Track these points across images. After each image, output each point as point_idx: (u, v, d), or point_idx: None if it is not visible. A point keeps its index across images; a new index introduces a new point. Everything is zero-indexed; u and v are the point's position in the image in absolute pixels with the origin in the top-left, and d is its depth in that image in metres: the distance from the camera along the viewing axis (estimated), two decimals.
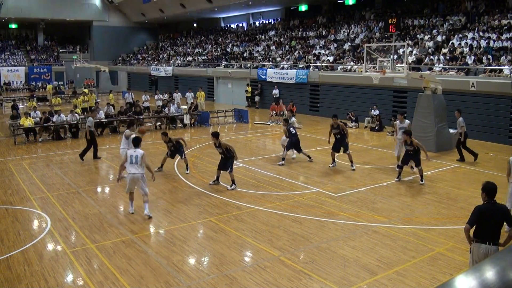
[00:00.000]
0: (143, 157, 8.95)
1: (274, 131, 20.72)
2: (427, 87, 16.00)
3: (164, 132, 12.27)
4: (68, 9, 47.22)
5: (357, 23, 29.48)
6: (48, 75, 48.83)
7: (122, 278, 6.67)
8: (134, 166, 8.91)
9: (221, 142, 11.15)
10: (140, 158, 8.90)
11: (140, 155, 8.93)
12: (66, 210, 9.76)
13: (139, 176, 8.93)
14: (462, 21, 23.16)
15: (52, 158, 15.25)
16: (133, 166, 8.92)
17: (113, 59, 51.90)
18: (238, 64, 33.06)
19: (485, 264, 2.49)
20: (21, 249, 7.74)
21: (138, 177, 8.93)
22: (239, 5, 36.64)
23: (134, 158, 8.91)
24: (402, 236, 8.20)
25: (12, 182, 12.14)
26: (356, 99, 22.82)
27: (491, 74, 18.13)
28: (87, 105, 24.95)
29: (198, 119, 22.37)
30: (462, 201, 10.33)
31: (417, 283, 6.48)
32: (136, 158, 8.90)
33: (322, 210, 9.67)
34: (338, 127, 13.05)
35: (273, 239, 8.06)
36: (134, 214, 9.53)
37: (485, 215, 5.62)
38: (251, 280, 6.58)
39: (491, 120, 17.46)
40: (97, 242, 8.01)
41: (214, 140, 11.18)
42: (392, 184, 11.69)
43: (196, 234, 8.49)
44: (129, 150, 9.26)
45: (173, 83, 38.00)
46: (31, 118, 18.73)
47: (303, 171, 13.14)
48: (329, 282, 6.52)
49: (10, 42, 52.27)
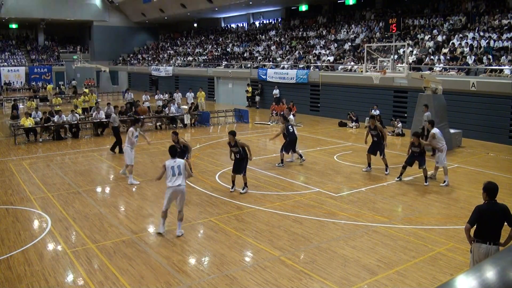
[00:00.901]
0: (186, 166, 8.28)
1: (274, 131, 20.70)
2: (427, 87, 16.00)
3: (174, 131, 11.95)
4: (69, 9, 47.24)
5: (358, 23, 29.47)
6: (48, 75, 48.85)
7: (122, 278, 6.67)
8: (179, 178, 8.10)
9: (237, 141, 10.72)
10: (183, 168, 8.17)
11: (183, 165, 8.19)
12: (66, 210, 9.77)
13: (183, 188, 8.19)
14: (462, 21, 23.15)
15: (52, 158, 15.26)
16: (177, 178, 8.09)
17: (114, 59, 51.93)
18: (239, 64, 33.07)
19: (486, 264, 2.49)
20: (22, 249, 7.75)
21: (182, 189, 8.17)
22: (239, 5, 36.64)
23: (176, 169, 8.09)
24: (402, 236, 8.20)
25: (12, 182, 12.15)
26: (357, 99, 22.82)
27: (492, 74, 18.12)
28: (87, 105, 24.97)
29: (198, 119, 22.38)
30: (462, 201, 10.32)
31: (417, 283, 6.48)
32: (179, 168, 8.12)
33: (323, 210, 9.66)
34: (376, 129, 12.45)
35: (273, 239, 8.06)
36: (133, 213, 9.53)
37: (486, 215, 5.61)
38: (251, 280, 6.58)
39: (492, 120, 17.45)
40: (98, 242, 8.01)
41: (231, 138, 10.67)
42: (392, 184, 11.68)
43: (196, 234, 8.49)
44: (167, 162, 8.21)
45: (174, 83, 38.02)
46: (31, 118, 18.74)
47: (304, 171, 13.13)
48: (329, 282, 6.52)
49: (10, 42, 52.30)
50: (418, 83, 17.21)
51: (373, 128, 12.50)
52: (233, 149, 10.86)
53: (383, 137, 12.47)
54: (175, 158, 8.27)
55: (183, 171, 8.15)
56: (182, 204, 8.28)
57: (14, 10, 44.59)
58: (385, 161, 12.51)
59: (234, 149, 10.82)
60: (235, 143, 10.72)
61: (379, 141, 12.47)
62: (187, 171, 8.32)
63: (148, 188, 11.52)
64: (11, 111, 22.96)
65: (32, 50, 52.17)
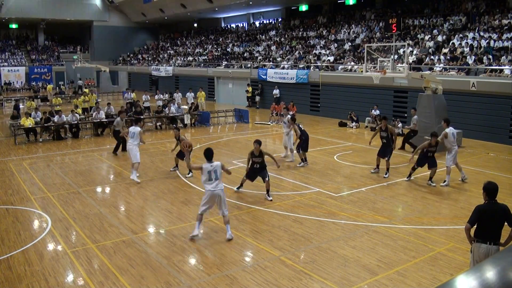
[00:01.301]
0: (223, 168, 8.09)
1: (274, 131, 20.72)
2: (427, 87, 16.00)
3: (176, 127, 11.91)
4: (69, 9, 47.25)
5: (358, 23, 29.47)
6: (48, 75, 48.86)
7: (122, 278, 6.67)
8: (216, 182, 7.88)
9: (262, 151, 10.06)
10: (220, 171, 7.95)
11: (220, 168, 7.97)
12: (66, 210, 9.77)
13: (221, 192, 7.94)
14: (462, 21, 23.15)
15: (52, 158, 15.26)
16: (214, 182, 7.87)
17: (114, 59, 51.94)
18: (239, 64, 33.07)
19: (486, 264, 2.49)
20: (22, 249, 7.75)
21: (220, 193, 7.92)
22: (239, 5, 36.64)
23: (213, 173, 7.84)
24: (402, 236, 8.19)
25: (12, 182, 12.15)
26: (357, 99, 22.82)
27: (492, 74, 18.12)
28: (87, 105, 24.98)
29: (198, 119, 22.39)
30: (462, 201, 10.32)
31: (417, 283, 6.48)
32: (216, 172, 7.87)
33: (323, 210, 9.66)
34: (387, 130, 12.19)
35: (273, 239, 8.06)
36: (133, 213, 9.53)
37: (486, 215, 5.61)
38: (251, 280, 6.57)
39: (492, 120, 17.45)
40: (98, 242, 8.01)
41: (257, 148, 9.95)
42: (392, 184, 11.68)
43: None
44: (204, 165, 7.94)
45: (174, 83, 38.02)
46: (31, 118, 18.74)
47: (304, 171, 13.13)
48: (329, 282, 6.52)
49: (10, 42, 52.31)
50: (418, 83, 17.21)
51: (384, 130, 12.25)
52: (256, 160, 10.12)
53: (393, 139, 12.26)
54: (212, 161, 7.98)
55: (220, 175, 7.95)
56: (224, 208, 8.03)
57: (14, 10, 44.61)
58: (389, 165, 12.25)
59: (257, 160, 10.11)
60: (260, 153, 10.04)
61: (389, 144, 12.22)
62: (225, 171, 8.16)
63: (148, 188, 11.53)
64: (12, 111, 22.96)
65: (32, 50, 52.18)
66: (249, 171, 10.47)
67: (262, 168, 10.26)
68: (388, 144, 12.25)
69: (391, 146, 12.27)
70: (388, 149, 12.26)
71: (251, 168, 10.37)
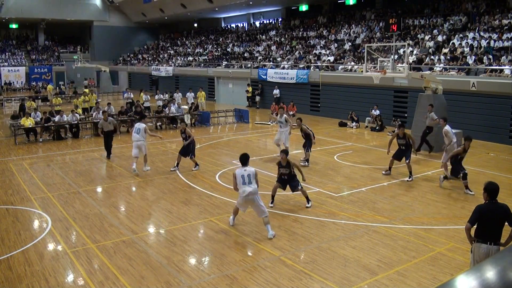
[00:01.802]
0: (256, 175, 8.19)
1: (274, 131, 20.69)
2: (427, 87, 16.00)
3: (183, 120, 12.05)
4: (69, 9, 47.23)
5: (358, 23, 29.46)
6: (48, 75, 48.84)
7: (122, 278, 6.67)
8: (250, 186, 8.00)
9: (289, 161, 9.55)
10: (253, 175, 8.10)
11: (253, 174, 8.11)
12: (66, 210, 9.77)
13: (254, 198, 8.03)
14: (462, 21, 23.14)
15: (52, 158, 15.26)
16: (248, 186, 7.99)
17: (114, 59, 51.92)
18: (239, 64, 33.07)
19: (486, 264, 2.48)
20: (22, 249, 7.75)
21: (253, 198, 8.02)
22: (239, 5, 36.64)
23: (247, 178, 8.02)
24: (402, 236, 8.19)
25: (12, 182, 12.15)
26: (357, 99, 22.82)
27: (492, 74, 18.12)
28: (87, 105, 24.98)
29: (198, 119, 22.38)
30: (462, 201, 10.32)
31: (417, 283, 6.48)
32: (249, 177, 8.04)
33: (323, 210, 9.66)
34: (405, 137, 11.99)
35: (273, 239, 8.06)
36: (133, 213, 9.54)
37: (486, 215, 5.61)
38: (251, 280, 6.57)
39: (492, 120, 17.45)
40: (98, 242, 8.01)
41: (284, 158, 9.47)
42: (392, 184, 11.68)
43: (196, 234, 8.49)
44: (237, 170, 8.16)
45: (174, 83, 38.02)
46: (31, 118, 18.75)
47: (304, 171, 13.09)
48: (329, 282, 6.52)
49: (10, 42, 52.29)
50: (418, 83, 17.21)
51: (402, 137, 12.01)
52: (283, 170, 9.61)
53: (412, 145, 12.12)
54: (246, 166, 8.11)
55: (253, 179, 8.06)
56: (260, 211, 8.11)
57: (14, 10, 44.59)
58: (410, 167, 11.90)
59: (284, 170, 9.59)
60: (287, 163, 9.52)
61: (407, 149, 12.03)
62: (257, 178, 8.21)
63: (148, 188, 11.53)
64: (18, 111, 22.92)
65: (32, 50, 52.17)
66: (278, 182, 9.85)
67: (290, 179, 9.66)
68: (407, 150, 12.05)
69: (410, 150, 12.08)
70: (408, 153, 12.05)
71: (279, 180, 9.82)
